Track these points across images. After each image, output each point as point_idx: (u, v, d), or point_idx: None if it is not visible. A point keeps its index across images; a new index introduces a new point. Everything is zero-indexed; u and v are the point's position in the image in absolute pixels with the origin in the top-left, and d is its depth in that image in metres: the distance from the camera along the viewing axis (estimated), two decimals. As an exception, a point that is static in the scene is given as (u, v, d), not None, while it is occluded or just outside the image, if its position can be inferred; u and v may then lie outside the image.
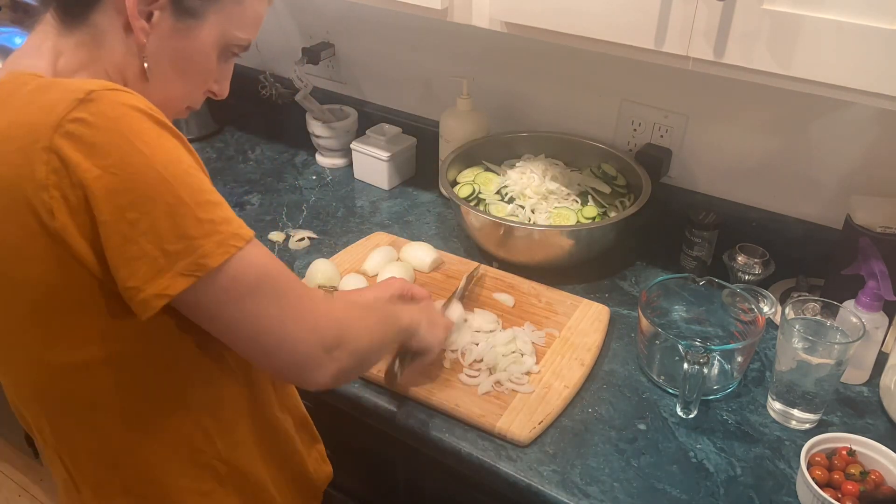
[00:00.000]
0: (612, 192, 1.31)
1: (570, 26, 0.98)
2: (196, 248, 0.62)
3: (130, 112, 0.61)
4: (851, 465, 0.86)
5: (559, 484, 0.89)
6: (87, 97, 0.60)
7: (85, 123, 0.59)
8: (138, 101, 0.63)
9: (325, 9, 1.65)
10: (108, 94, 0.61)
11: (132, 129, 0.61)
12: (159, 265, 0.61)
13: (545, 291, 1.20)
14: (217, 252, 0.63)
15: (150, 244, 0.61)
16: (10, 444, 2.06)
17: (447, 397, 0.99)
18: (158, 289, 0.61)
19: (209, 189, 0.65)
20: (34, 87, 0.64)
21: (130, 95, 0.63)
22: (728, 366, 1.04)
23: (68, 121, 0.59)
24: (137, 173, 0.60)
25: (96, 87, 0.61)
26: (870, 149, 1.15)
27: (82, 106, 0.60)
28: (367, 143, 1.52)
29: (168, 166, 0.61)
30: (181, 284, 0.62)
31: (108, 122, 0.60)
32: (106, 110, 0.60)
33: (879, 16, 0.78)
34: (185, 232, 0.61)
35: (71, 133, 0.59)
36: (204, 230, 0.62)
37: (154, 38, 0.71)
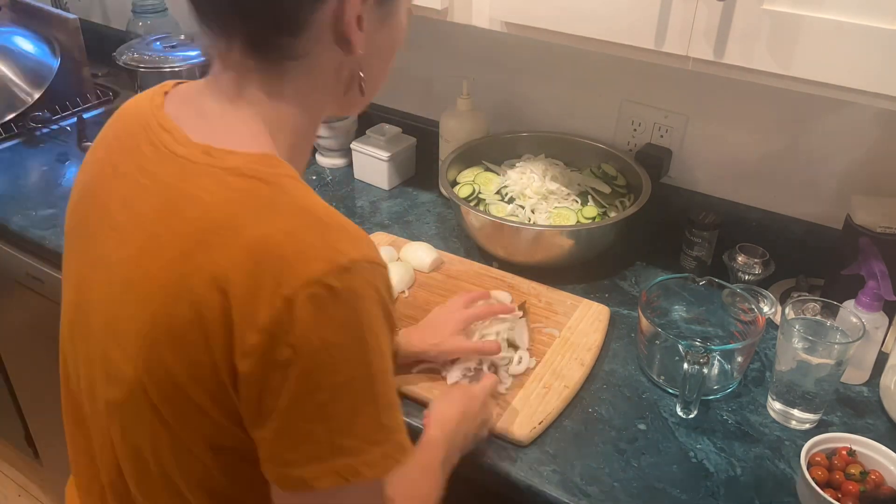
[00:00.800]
0: (612, 192, 1.31)
1: (571, 26, 0.98)
2: (363, 452, 0.58)
3: (373, 295, 0.58)
4: (851, 465, 0.86)
5: (559, 484, 0.89)
6: (348, 266, 0.56)
7: (334, 294, 0.55)
8: (384, 281, 0.59)
9: (325, 9, 1.65)
10: (366, 270, 0.57)
11: (368, 315, 0.57)
12: (320, 454, 0.58)
13: (545, 291, 1.20)
14: (380, 464, 0.59)
15: (323, 430, 0.57)
16: (10, 444, 2.05)
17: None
18: (307, 475, 0.58)
19: (394, 387, 0.61)
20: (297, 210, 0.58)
21: (382, 272, 0.59)
22: (728, 366, 1.04)
23: (321, 283, 0.54)
24: (350, 361, 0.57)
25: (359, 258, 0.57)
26: (870, 149, 1.15)
27: (340, 275, 0.55)
28: (367, 143, 1.52)
29: (379, 363, 0.58)
30: (329, 482, 0.58)
31: (354, 300, 0.56)
32: (357, 288, 0.56)
33: (879, 16, 0.78)
34: (362, 433, 0.58)
35: (317, 297, 0.54)
36: (379, 436, 0.59)
37: (366, 44, 0.64)
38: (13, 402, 1.83)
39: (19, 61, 1.72)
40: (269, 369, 0.56)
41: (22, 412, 1.85)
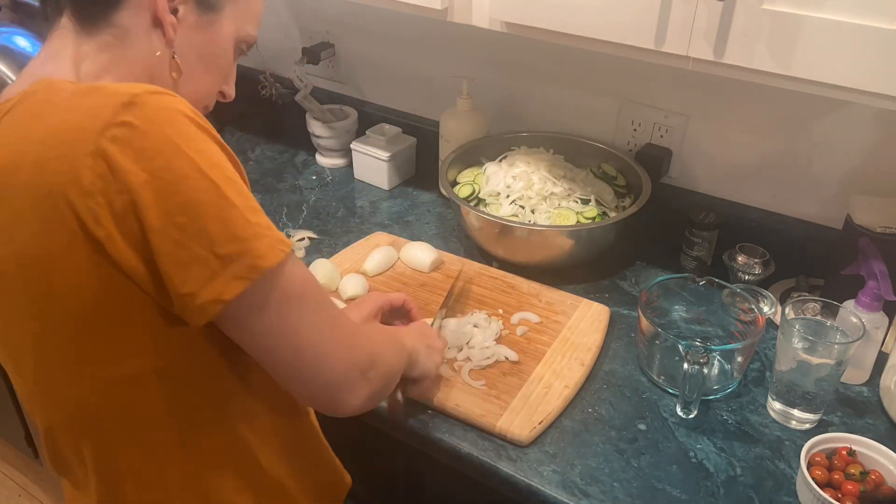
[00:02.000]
0: (613, 193, 1.31)
1: (571, 26, 0.98)
2: (249, 249, 0.61)
3: (176, 115, 0.60)
4: (851, 465, 0.86)
5: (559, 484, 0.89)
6: (132, 101, 0.59)
7: (131, 127, 0.58)
8: (183, 106, 0.62)
9: (325, 9, 1.65)
10: (153, 98, 0.60)
11: (178, 132, 0.60)
12: (213, 269, 0.60)
13: (545, 291, 1.20)
14: (270, 254, 0.62)
15: (202, 248, 0.59)
16: (10, 444, 2.05)
17: (447, 397, 0.99)
18: (214, 294, 0.60)
19: (251, 196, 0.64)
20: (72, 91, 0.62)
21: (174, 99, 0.62)
22: (728, 366, 1.04)
23: (114, 125, 0.58)
24: (186, 177, 0.59)
25: (140, 91, 0.60)
26: (870, 149, 1.15)
27: (128, 110, 0.58)
28: (367, 143, 1.52)
29: (214, 169, 0.60)
30: (237, 288, 0.60)
31: (155, 125, 0.59)
32: (151, 114, 0.59)
33: (879, 16, 0.78)
34: (236, 233, 0.60)
35: (117, 137, 0.58)
36: (254, 232, 0.61)
37: (180, 34, 0.71)
38: (13, 402, 1.83)
39: (19, 61, 1.71)
40: (120, 223, 0.59)
41: (22, 412, 1.85)
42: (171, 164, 0.58)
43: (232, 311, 0.62)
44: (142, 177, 0.57)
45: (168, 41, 0.70)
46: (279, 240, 0.63)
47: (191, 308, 0.61)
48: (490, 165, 1.37)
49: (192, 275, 0.60)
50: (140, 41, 0.70)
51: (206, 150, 0.61)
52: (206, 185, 0.59)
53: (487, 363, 1.04)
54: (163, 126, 0.59)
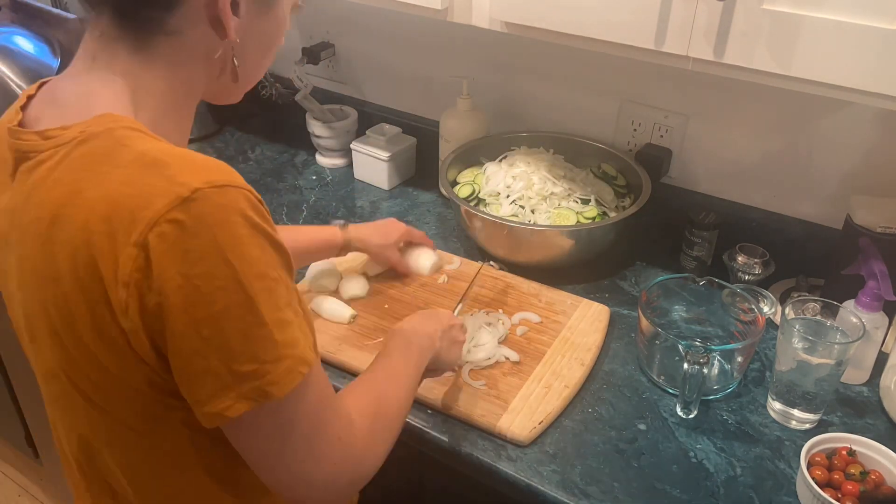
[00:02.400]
0: (613, 193, 1.31)
1: (571, 26, 0.98)
2: (265, 373, 0.58)
3: (231, 218, 0.56)
4: (851, 465, 0.86)
5: (559, 484, 0.89)
6: (192, 196, 0.55)
7: (181, 227, 0.54)
8: (243, 201, 0.57)
9: (325, 9, 1.65)
10: (214, 196, 0.56)
11: (228, 238, 0.56)
12: (224, 384, 0.58)
13: (545, 291, 1.20)
14: (285, 380, 0.59)
15: (219, 362, 0.57)
16: (10, 444, 2.06)
17: (447, 397, 0.99)
18: (218, 408, 0.58)
19: (286, 304, 0.60)
20: (134, 158, 0.58)
21: (236, 193, 0.57)
22: (728, 366, 1.04)
23: (166, 220, 0.54)
24: (222, 288, 0.56)
25: (202, 185, 0.55)
26: (870, 149, 1.15)
27: (183, 206, 0.54)
28: (367, 143, 1.52)
29: (255, 281, 0.57)
30: (241, 408, 0.58)
31: (205, 228, 0.55)
32: (206, 215, 0.55)
33: (879, 16, 0.78)
34: (256, 354, 0.58)
35: (165, 235, 0.54)
36: (276, 354, 0.59)
37: (241, 31, 0.65)
38: (13, 402, 1.83)
39: (19, 61, 1.71)
40: (147, 320, 0.57)
41: (22, 412, 1.85)
42: (210, 272, 0.55)
43: (233, 426, 0.61)
44: (176, 281, 0.55)
45: (225, 47, 0.65)
46: (300, 360, 0.61)
47: (200, 412, 0.60)
48: (490, 165, 1.37)
49: (203, 385, 0.58)
50: (197, 47, 0.64)
51: (252, 257, 0.57)
52: (239, 300, 0.57)
53: (488, 363, 1.04)
54: (214, 229, 0.55)
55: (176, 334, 0.57)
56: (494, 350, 1.06)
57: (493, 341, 1.07)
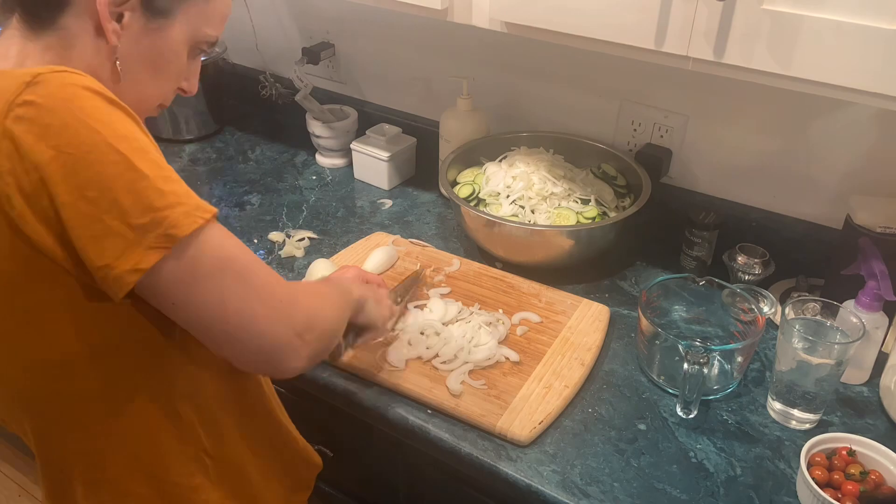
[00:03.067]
0: (613, 193, 1.31)
1: (570, 26, 0.98)
2: (163, 218, 0.60)
3: (80, 91, 0.60)
4: (851, 465, 0.86)
5: (559, 484, 0.89)
6: (35, 80, 0.59)
7: (34, 105, 0.58)
8: (87, 81, 0.62)
9: (325, 9, 1.65)
10: (56, 76, 0.60)
11: (83, 107, 0.60)
12: (128, 240, 0.60)
13: (545, 291, 1.20)
14: (185, 222, 0.61)
15: (115, 220, 0.59)
16: (10, 444, 2.06)
17: (447, 397, 0.99)
18: (130, 264, 0.60)
19: (166, 165, 0.63)
20: None
21: (78, 76, 0.61)
22: (728, 366, 1.04)
23: (17, 104, 0.58)
24: (93, 150, 0.59)
25: (44, 70, 0.60)
26: (870, 149, 1.15)
27: (30, 89, 0.59)
28: (367, 143, 1.52)
29: (123, 141, 0.60)
30: (153, 257, 0.60)
31: (58, 102, 0.59)
32: (55, 91, 0.59)
33: (879, 16, 0.78)
34: (150, 204, 0.60)
35: (21, 116, 0.58)
36: (168, 201, 0.61)
37: (125, 40, 0.70)
38: (13, 402, 1.83)
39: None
40: (31, 202, 0.59)
41: (22, 412, 1.85)
42: (76, 139, 0.58)
43: (152, 282, 0.62)
44: (48, 154, 0.58)
45: (111, 48, 0.70)
46: (197, 206, 0.63)
47: (109, 280, 0.61)
48: (490, 165, 1.37)
49: (106, 247, 0.60)
50: (84, 45, 0.69)
51: (113, 121, 0.61)
52: (114, 158, 0.59)
53: (488, 364, 1.04)
54: (66, 102, 0.59)
55: (65, 206, 0.59)
56: (495, 350, 1.06)
57: (493, 341, 1.07)
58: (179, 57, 0.75)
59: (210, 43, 0.77)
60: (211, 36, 0.76)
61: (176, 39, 0.74)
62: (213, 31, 0.76)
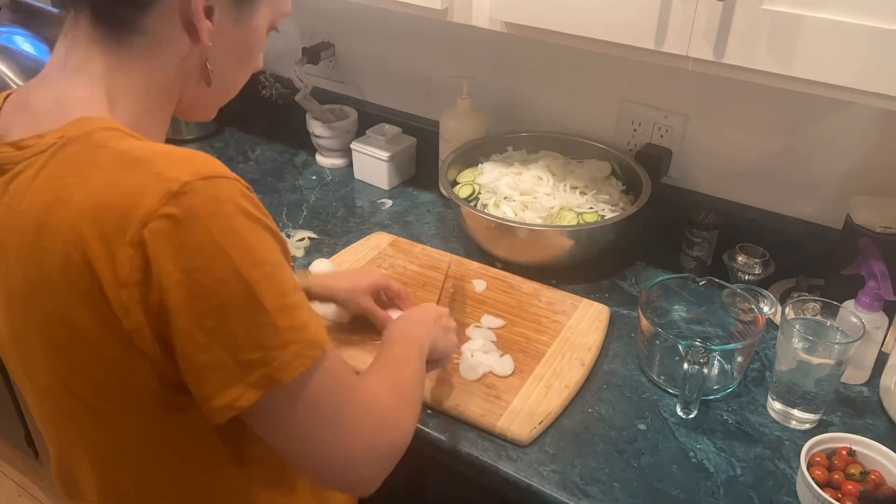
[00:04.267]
0: (613, 193, 1.31)
1: (570, 26, 0.98)
2: (273, 359, 0.58)
3: (225, 208, 0.56)
4: (851, 465, 0.86)
5: (559, 484, 0.89)
6: (182, 190, 0.55)
7: (175, 221, 0.54)
8: (236, 192, 0.58)
9: (325, 9, 1.65)
10: (203, 187, 0.56)
11: (222, 229, 0.56)
12: (232, 375, 0.58)
13: (545, 291, 1.20)
14: (293, 364, 0.59)
15: (224, 353, 0.57)
16: (10, 444, 2.06)
17: (447, 397, 0.99)
18: (228, 400, 0.58)
19: (291, 289, 0.60)
20: (116, 158, 0.58)
21: (230, 185, 0.57)
22: (728, 366, 1.04)
23: (158, 216, 0.54)
24: (222, 280, 0.56)
25: (190, 178, 0.55)
26: (870, 149, 1.15)
27: (175, 200, 0.54)
28: (367, 143, 1.52)
29: (254, 270, 0.57)
30: (252, 397, 0.58)
31: (200, 221, 0.55)
32: (198, 207, 0.55)
33: (879, 16, 0.78)
34: (262, 342, 0.58)
35: (160, 231, 0.54)
36: (283, 339, 0.58)
37: (215, 36, 0.66)
38: (13, 402, 1.83)
39: (19, 61, 1.71)
40: (151, 318, 0.57)
41: (22, 412, 1.85)
42: (208, 265, 0.55)
43: (246, 415, 0.61)
44: (176, 277, 0.55)
45: (200, 48, 0.66)
46: (310, 343, 0.60)
47: (205, 409, 0.60)
48: (490, 165, 1.37)
49: (210, 378, 0.58)
50: (171, 50, 0.65)
51: (250, 245, 0.57)
52: (240, 290, 0.56)
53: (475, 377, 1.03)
54: (208, 221, 0.55)
55: (180, 330, 0.56)
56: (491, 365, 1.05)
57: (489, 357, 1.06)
58: (262, 42, 0.73)
59: (286, 17, 0.74)
60: (286, 11, 0.73)
61: (261, 26, 0.71)
62: (288, 6, 0.74)
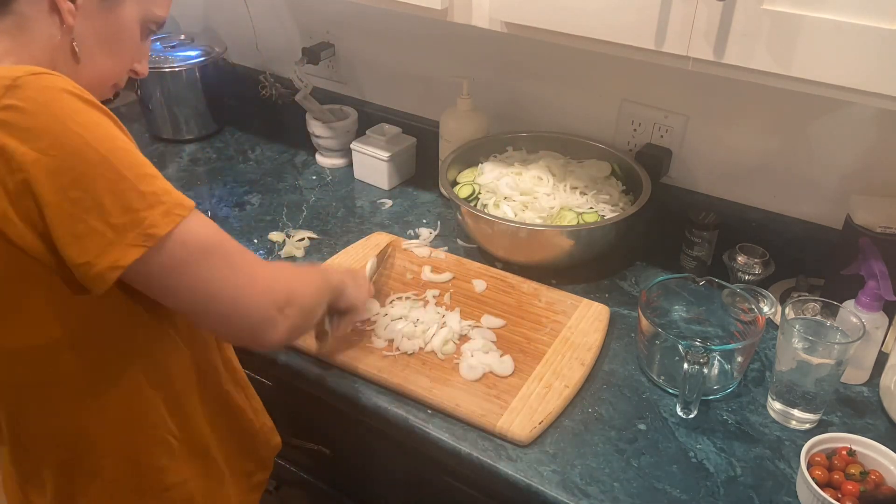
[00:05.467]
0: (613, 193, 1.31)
1: (570, 26, 0.98)
2: (142, 219, 0.64)
3: (59, 94, 0.62)
4: (851, 465, 0.86)
5: (559, 484, 0.89)
6: (14, 83, 0.61)
7: (16, 109, 0.60)
8: (65, 83, 0.64)
9: (325, 9, 1.65)
10: (35, 79, 0.62)
11: (63, 110, 0.62)
12: (108, 239, 0.63)
13: (545, 291, 1.20)
14: (163, 221, 0.65)
15: (96, 220, 0.62)
16: (11, 444, 2.05)
17: (447, 397, 0.99)
18: (110, 261, 0.63)
19: (146, 163, 0.66)
20: None
21: (57, 78, 0.64)
22: (728, 366, 1.04)
23: (1, 109, 0.60)
24: (75, 152, 0.61)
25: (22, 73, 0.62)
26: (870, 149, 1.15)
27: (10, 93, 0.60)
28: (367, 143, 1.52)
29: (103, 142, 0.63)
30: (132, 255, 0.64)
31: (39, 105, 0.61)
32: (35, 95, 0.61)
33: (879, 16, 0.78)
34: (129, 205, 0.63)
35: (4, 121, 0.60)
36: (147, 202, 0.64)
37: (80, 19, 0.72)
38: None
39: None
40: (15, 203, 0.61)
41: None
42: (59, 142, 0.61)
43: (138, 274, 0.66)
44: (31, 156, 0.60)
45: (66, 28, 0.72)
46: (176, 203, 0.66)
47: (90, 277, 0.64)
48: (490, 165, 1.37)
49: (88, 245, 0.63)
50: (39, 27, 0.71)
51: (93, 123, 0.63)
52: (96, 159, 0.62)
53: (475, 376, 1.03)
54: (47, 105, 0.61)
55: (49, 205, 0.61)
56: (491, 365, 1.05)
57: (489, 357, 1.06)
58: (133, 36, 0.79)
59: (158, 24, 0.81)
60: (159, 17, 0.80)
61: (128, 17, 0.77)
62: (160, 12, 0.80)
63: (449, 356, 1.06)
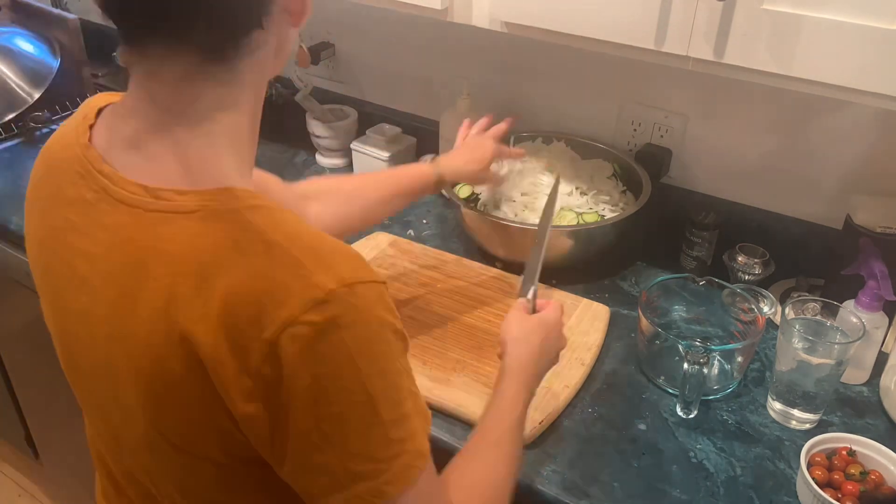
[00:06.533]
0: (613, 193, 1.31)
1: (571, 26, 0.98)
2: (380, 472, 0.58)
3: (362, 317, 0.57)
4: (851, 465, 0.86)
5: (559, 484, 0.89)
6: (326, 299, 0.54)
7: (315, 328, 0.54)
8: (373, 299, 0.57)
9: (325, 9, 1.65)
10: (346, 296, 0.55)
11: (357, 339, 0.56)
12: (339, 482, 0.58)
13: (545, 291, 1.20)
14: (400, 479, 0.59)
15: (336, 459, 0.57)
16: (10, 444, 2.06)
17: (449, 397, 0.99)
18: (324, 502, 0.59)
19: (407, 393, 0.60)
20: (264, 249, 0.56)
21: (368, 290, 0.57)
22: (728, 366, 1.04)
23: (300, 322, 0.54)
24: (346, 389, 0.56)
25: (335, 286, 0.55)
26: (870, 149, 1.15)
27: (318, 308, 0.54)
28: (367, 143, 1.52)
29: (378, 380, 0.57)
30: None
31: (337, 330, 0.55)
32: (339, 317, 0.55)
33: (879, 16, 0.78)
34: (373, 454, 0.58)
35: (299, 336, 0.54)
36: (393, 451, 0.59)
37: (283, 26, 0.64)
38: (13, 402, 1.83)
39: (19, 61, 1.72)
40: (270, 411, 0.56)
41: (22, 412, 1.85)
42: (337, 373, 0.56)
43: None
44: (307, 381, 0.55)
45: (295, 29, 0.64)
46: (417, 454, 0.60)
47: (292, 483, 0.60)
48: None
49: (318, 480, 0.58)
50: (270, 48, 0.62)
51: (378, 355, 0.58)
52: (362, 399, 0.57)
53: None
54: (345, 332, 0.55)
55: (299, 429, 0.56)
56: None
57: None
58: None
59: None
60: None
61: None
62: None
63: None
